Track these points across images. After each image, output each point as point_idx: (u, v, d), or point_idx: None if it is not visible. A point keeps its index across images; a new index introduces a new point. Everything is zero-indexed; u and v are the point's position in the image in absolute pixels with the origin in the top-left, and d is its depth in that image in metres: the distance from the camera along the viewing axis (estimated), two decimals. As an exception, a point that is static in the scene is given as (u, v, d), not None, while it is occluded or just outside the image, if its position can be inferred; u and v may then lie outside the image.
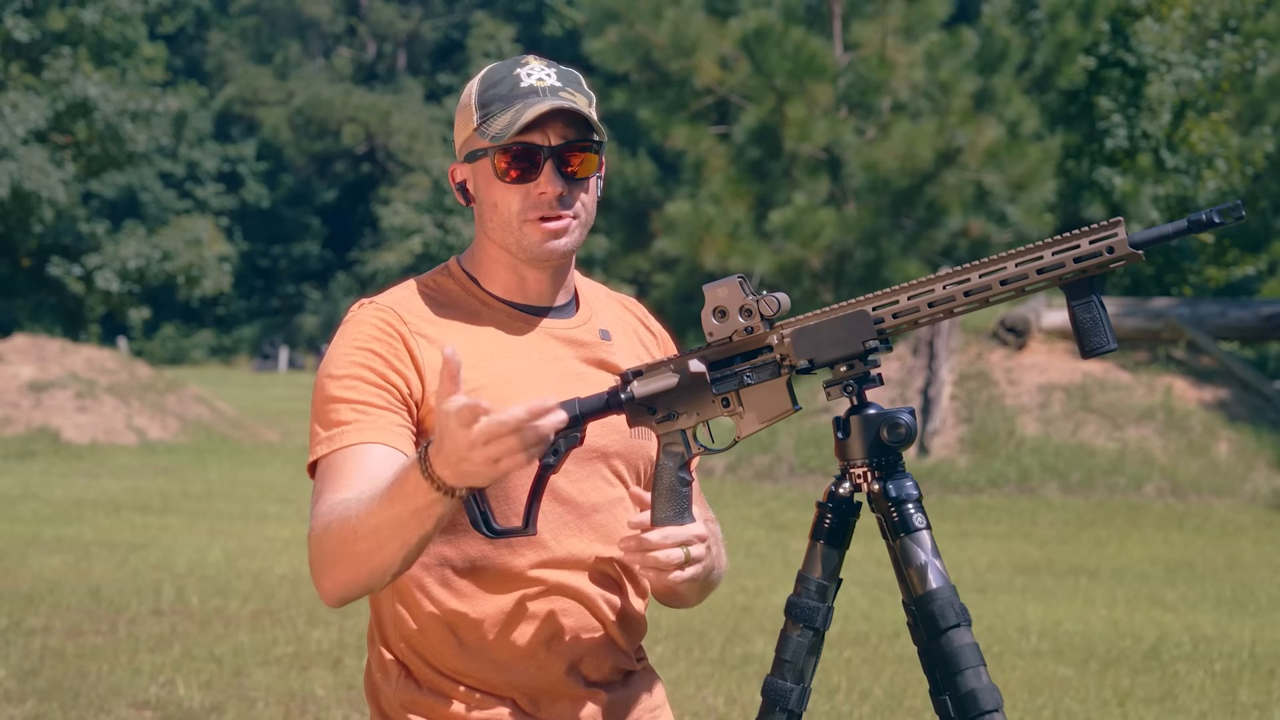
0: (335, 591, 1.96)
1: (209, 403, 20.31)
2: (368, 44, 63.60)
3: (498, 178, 2.06)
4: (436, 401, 1.78)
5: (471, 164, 2.10)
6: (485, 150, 2.06)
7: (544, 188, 2.05)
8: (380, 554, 1.89)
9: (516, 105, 2.04)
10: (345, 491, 1.95)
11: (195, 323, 54.14)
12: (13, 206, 28.25)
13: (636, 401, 1.98)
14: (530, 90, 2.05)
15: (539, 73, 2.08)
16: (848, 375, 1.92)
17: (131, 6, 31.90)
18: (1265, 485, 12.77)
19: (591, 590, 2.09)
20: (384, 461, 1.97)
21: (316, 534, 1.95)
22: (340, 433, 2.00)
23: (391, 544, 1.88)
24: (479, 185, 2.10)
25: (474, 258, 2.16)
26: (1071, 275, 1.83)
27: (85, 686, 5.51)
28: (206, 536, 9.90)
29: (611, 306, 2.26)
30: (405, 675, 2.10)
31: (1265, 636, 6.93)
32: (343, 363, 2.05)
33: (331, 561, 1.93)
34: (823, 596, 1.94)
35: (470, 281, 2.14)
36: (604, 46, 19.17)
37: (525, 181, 2.05)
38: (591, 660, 2.11)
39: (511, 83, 2.07)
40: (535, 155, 2.04)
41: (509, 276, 2.12)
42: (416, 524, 1.86)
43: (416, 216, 39.90)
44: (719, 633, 6.71)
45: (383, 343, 2.04)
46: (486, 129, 2.05)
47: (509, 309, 2.12)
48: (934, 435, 13.63)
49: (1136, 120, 19.71)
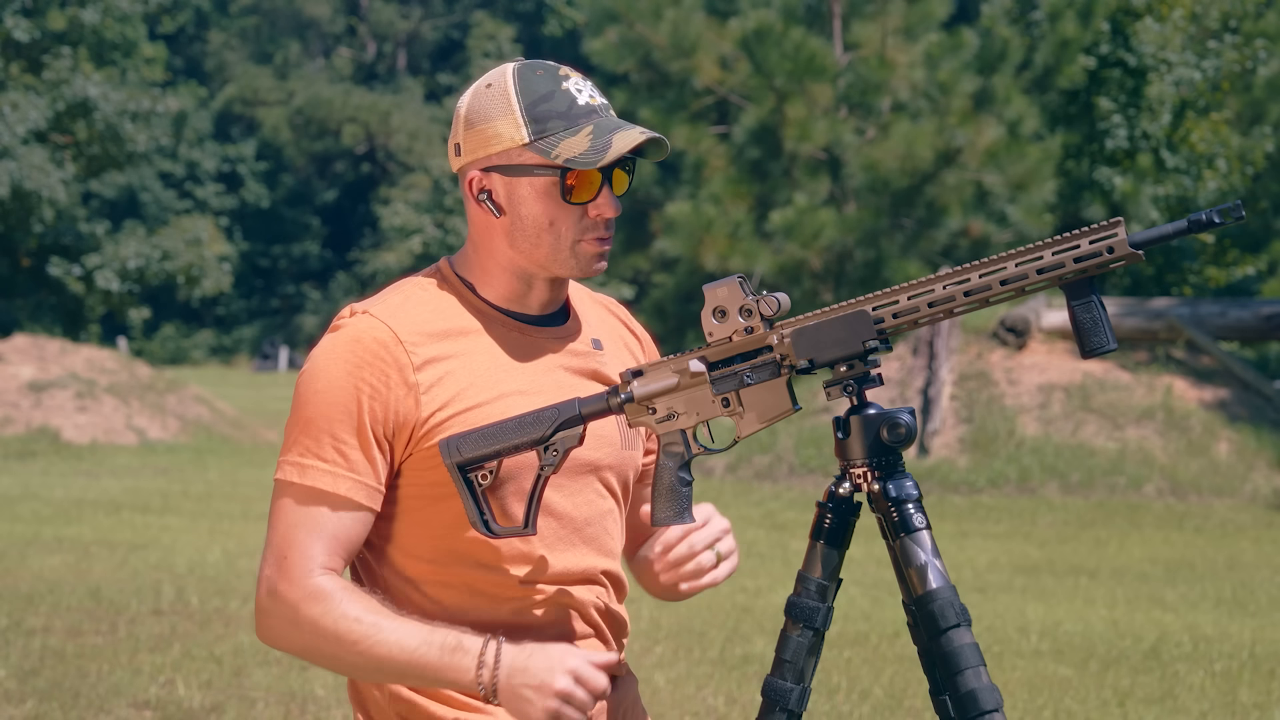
0: (279, 649, 2.05)
1: (209, 403, 20.31)
2: (368, 44, 63.59)
3: (562, 198, 2.02)
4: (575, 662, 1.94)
5: (511, 177, 2.04)
6: (544, 168, 2.01)
7: (604, 209, 2.04)
8: (362, 671, 2.00)
9: (584, 127, 2.00)
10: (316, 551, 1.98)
11: (195, 323, 54.13)
12: (13, 206, 28.25)
13: (636, 401, 1.98)
14: (590, 110, 2.02)
15: (587, 90, 2.05)
16: (848, 375, 1.92)
17: (131, 6, 31.88)
18: (1265, 485, 12.78)
19: (586, 600, 2.10)
20: (352, 524, 2.01)
21: (294, 611, 1.98)
22: (315, 472, 1.99)
23: (383, 673, 1.99)
24: (520, 198, 2.04)
25: (470, 262, 2.11)
26: (1071, 275, 1.82)
27: (85, 686, 5.51)
28: (206, 536, 9.90)
29: (597, 310, 2.24)
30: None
31: (1265, 636, 6.93)
32: (330, 384, 2.00)
33: (300, 646, 2.00)
34: (823, 596, 1.94)
35: (465, 288, 2.10)
36: (604, 46, 19.17)
37: (587, 202, 2.03)
38: None
39: (566, 100, 2.02)
40: (597, 176, 2.03)
41: (513, 284, 2.09)
42: (424, 682, 1.98)
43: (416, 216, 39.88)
44: (719, 633, 6.71)
45: (373, 369, 1.99)
46: (549, 147, 2.00)
47: (505, 318, 2.09)
48: (934, 435, 13.63)
49: (1136, 120, 19.71)
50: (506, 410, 2.02)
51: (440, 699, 2.06)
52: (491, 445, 1.98)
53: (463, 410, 2.01)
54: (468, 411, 2.01)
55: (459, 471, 1.98)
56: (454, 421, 2.01)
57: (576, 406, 1.97)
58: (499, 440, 1.98)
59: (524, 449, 1.98)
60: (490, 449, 1.98)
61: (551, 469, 1.97)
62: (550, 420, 1.98)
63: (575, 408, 1.97)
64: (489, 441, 1.98)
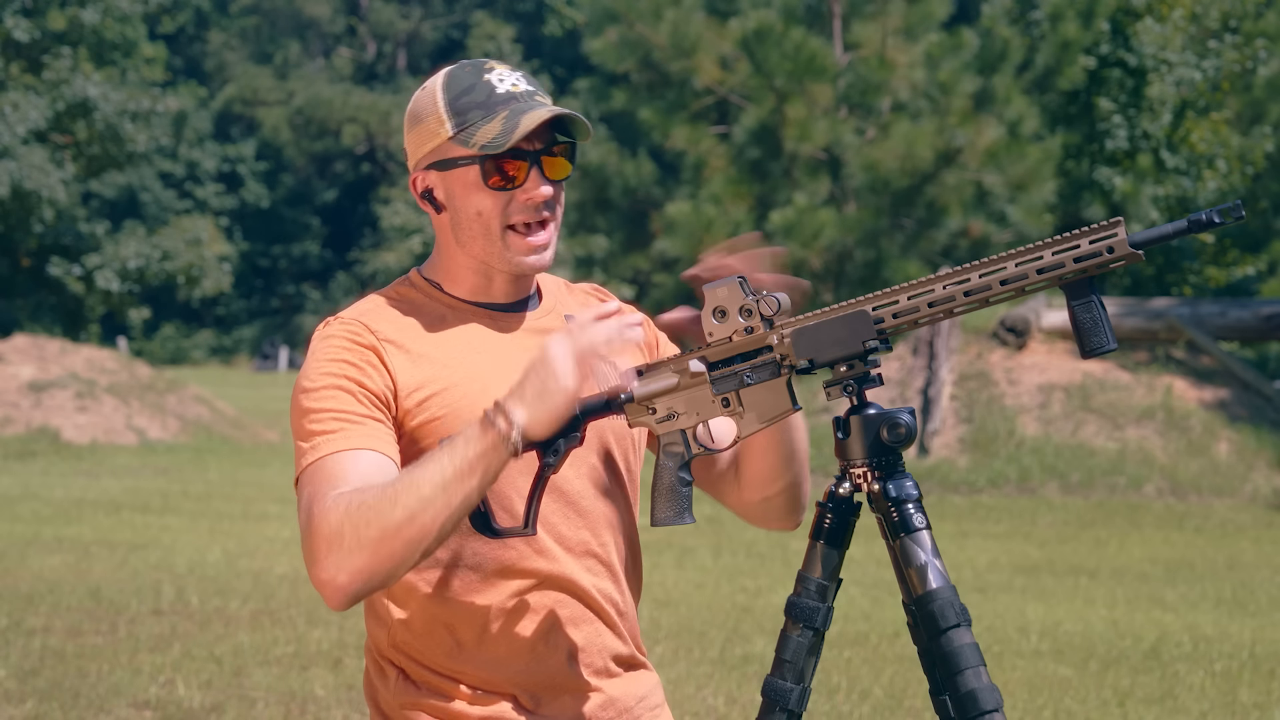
0: (351, 585, 1.87)
1: (209, 403, 20.31)
2: (368, 44, 63.61)
3: (485, 185, 2.04)
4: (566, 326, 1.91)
5: (443, 172, 2.07)
6: (468, 159, 2.04)
7: (531, 192, 2.05)
8: (419, 521, 1.85)
9: (501, 113, 2.03)
10: (343, 486, 1.91)
11: (195, 323, 54.15)
12: (13, 206, 28.27)
13: (636, 401, 1.98)
14: (510, 97, 2.05)
15: (510, 78, 2.07)
16: (848, 375, 1.92)
17: (131, 6, 31.89)
18: (1265, 485, 12.78)
19: (585, 580, 2.10)
20: (373, 466, 1.94)
21: (332, 521, 1.87)
22: (325, 440, 1.97)
23: (435, 505, 1.85)
24: (453, 193, 2.08)
25: (436, 266, 2.16)
26: (1071, 275, 1.82)
27: (85, 686, 5.51)
28: (206, 536, 9.91)
29: (576, 296, 2.26)
30: (402, 677, 2.10)
31: (1265, 636, 6.93)
32: (317, 376, 2.03)
33: (355, 545, 1.86)
34: (823, 596, 1.94)
35: (433, 288, 2.14)
36: (604, 46, 19.16)
37: (512, 188, 2.04)
38: (589, 651, 2.12)
39: (486, 89, 2.05)
40: (522, 160, 2.04)
41: (475, 279, 2.12)
42: (464, 479, 1.86)
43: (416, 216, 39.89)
44: (719, 633, 6.71)
45: (355, 352, 2.04)
46: (469, 137, 2.03)
47: (473, 308, 2.13)
48: (934, 435, 13.63)
49: (1137, 120, 19.71)
50: (481, 388, 2.04)
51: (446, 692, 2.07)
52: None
53: (438, 391, 2.04)
54: (443, 391, 2.04)
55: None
56: (431, 401, 2.04)
57: (577, 406, 1.97)
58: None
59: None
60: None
61: (552, 469, 1.97)
62: (550, 420, 1.97)
63: (576, 407, 1.97)
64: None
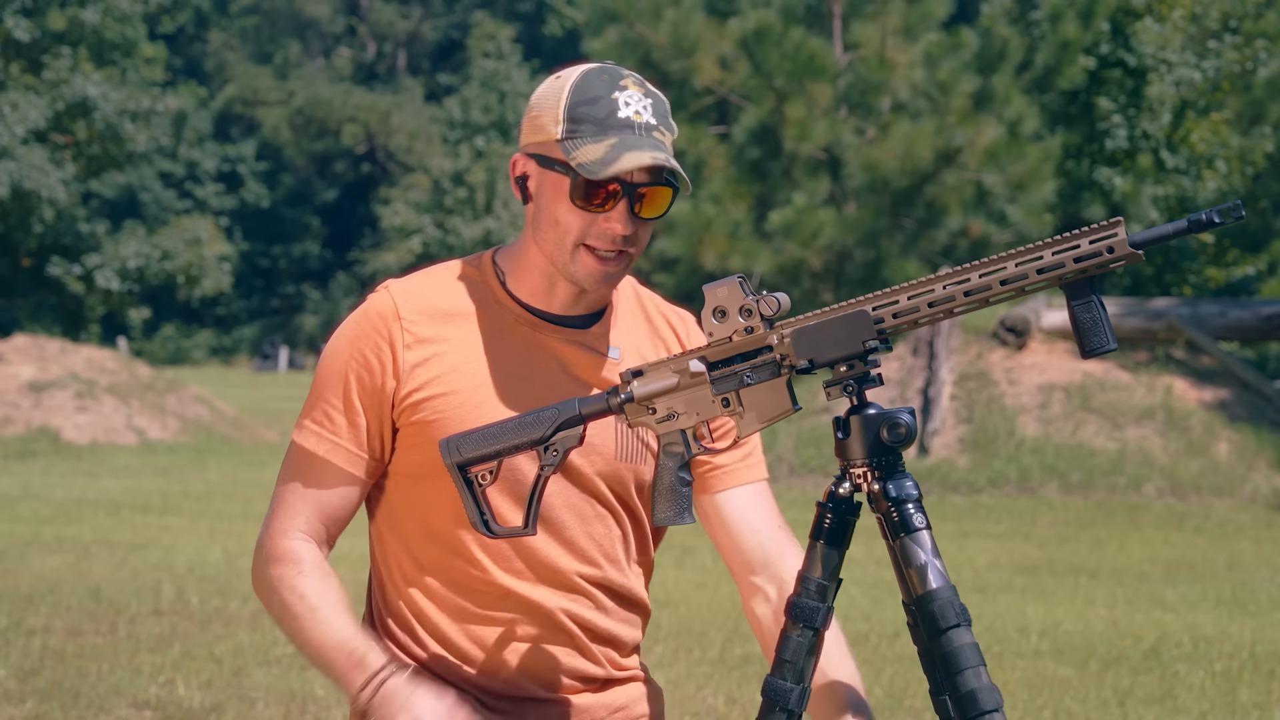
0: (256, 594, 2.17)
1: (209, 403, 20.31)
2: (368, 44, 63.61)
3: (570, 199, 2.03)
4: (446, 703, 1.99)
5: (541, 167, 2.06)
6: (564, 167, 2.03)
7: (614, 225, 2.03)
8: (293, 640, 2.11)
9: (611, 139, 2.00)
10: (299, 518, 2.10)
11: (195, 323, 54.15)
12: (13, 206, 28.28)
13: (636, 401, 1.98)
14: (627, 124, 2.02)
15: (636, 103, 2.04)
16: (848, 375, 1.92)
17: (131, 6, 31.91)
18: (1265, 485, 12.77)
19: (564, 604, 2.12)
20: (335, 488, 2.11)
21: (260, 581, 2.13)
22: (308, 428, 2.11)
23: (303, 649, 2.11)
24: (543, 191, 2.07)
25: (511, 255, 2.15)
26: (1071, 275, 1.82)
27: (85, 686, 5.51)
28: (206, 536, 9.90)
29: (647, 325, 2.23)
30: None
31: (1265, 636, 6.93)
32: (333, 352, 2.12)
33: (265, 602, 2.14)
34: (823, 596, 1.94)
35: (495, 278, 2.14)
36: (604, 46, 19.15)
37: (597, 212, 2.03)
38: (551, 670, 2.13)
39: (608, 107, 2.02)
40: (615, 190, 2.02)
41: (539, 280, 2.11)
42: (315, 662, 2.09)
43: (416, 216, 39.92)
44: (719, 633, 6.71)
45: (369, 341, 2.09)
46: (572, 148, 2.01)
47: (520, 311, 2.12)
48: (934, 435, 13.63)
49: (1136, 120, 19.71)
50: (481, 399, 2.05)
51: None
52: (491, 445, 1.98)
53: (439, 394, 2.06)
54: (443, 396, 2.06)
55: (459, 471, 1.99)
56: (428, 404, 2.06)
57: (576, 406, 1.97)
58: (499, 440, 1.98)
59: (524, 449, 1.98)
60: (490, 449, 1.98)
61: (552, 469, 1.97)
62: (550, 420, 1.98)
63: (575, 408, 1.97)
64: (489, 441, 1.98)
